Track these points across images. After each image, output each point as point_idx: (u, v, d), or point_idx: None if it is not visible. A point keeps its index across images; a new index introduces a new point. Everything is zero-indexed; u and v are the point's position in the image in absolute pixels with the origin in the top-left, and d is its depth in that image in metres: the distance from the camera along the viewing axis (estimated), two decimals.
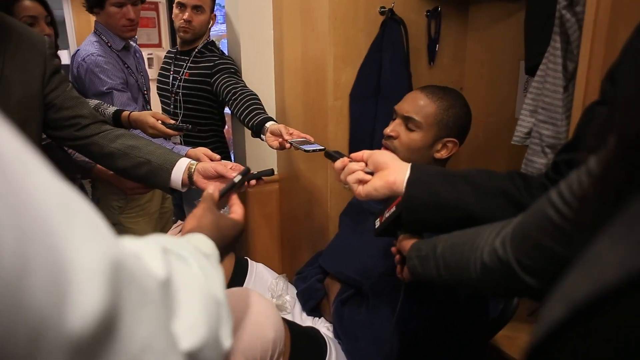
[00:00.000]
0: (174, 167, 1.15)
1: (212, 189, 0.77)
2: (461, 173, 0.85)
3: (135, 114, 1.41)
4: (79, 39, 6.03)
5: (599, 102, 0.71)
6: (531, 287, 0.53)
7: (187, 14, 1.87)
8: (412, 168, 0.86)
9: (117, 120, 1.43)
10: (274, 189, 2.06)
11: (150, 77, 2.04)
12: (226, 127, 2.20)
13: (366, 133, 1.64)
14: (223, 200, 0.79)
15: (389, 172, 0.87)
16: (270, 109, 1.97)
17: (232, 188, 0.83)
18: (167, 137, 1.43)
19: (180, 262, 0.47)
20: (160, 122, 1.38)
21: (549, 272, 0.50)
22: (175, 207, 2.11)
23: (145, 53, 4.24)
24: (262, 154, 2.00)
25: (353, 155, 0.95)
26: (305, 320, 1.28)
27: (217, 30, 3.45)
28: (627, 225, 0.26)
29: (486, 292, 0.64)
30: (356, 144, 1.65)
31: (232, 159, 2.22)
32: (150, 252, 0.41)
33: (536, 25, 1.14)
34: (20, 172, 0.26)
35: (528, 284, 0.53)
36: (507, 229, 0.58)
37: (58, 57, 1.25)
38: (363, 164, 0.92)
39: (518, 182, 0.79)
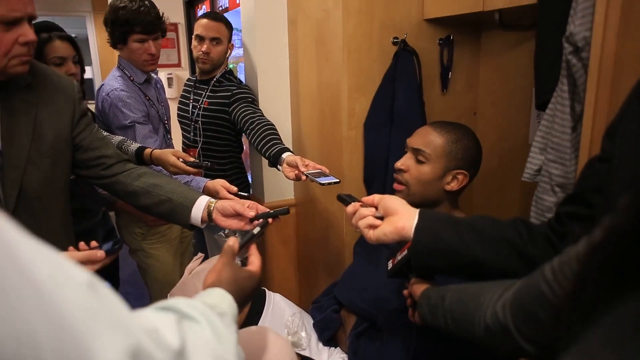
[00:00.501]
0: (193, 205, 1.19)
1: (233, 241, 0.81)
2: (467, 220, 0.88)
3: (157, 152, 1.47)
4: (102, 56, 6.39)
5: (599, 158, 0.74)
6: (530, 352, 0.56)
7: (205, 46, 1.93)
8: (420, 214, 0.89)
9: (139, 157, 1.49)
10: (291, 212, 2.10)
11: (170, 97, 2.10)
12: (244, 148, 2.25)
13: (380, 162, 1.66)
14: (242, 251, 0.83)
15: (398, 217, 0.90)
16: (287, 137, 2.01)
17: (251, 240, 0.87)
18: (187, 174, 1.49)
19: (194, 327, 0.52)
20: (180, 159, 1.43)
21: (544, 341, 0.53)
22: (196, 231, 2.17)
23: (164, 73, 4.36)
24: (278, 179, 2.04)
25: (364, 199, 0.99)
26: (321, 351, 1.31)
27: (235, 54, 3.51)
28: (591, 350, 0.29)
29: (491, 350, 0.67)
30: (370, 172, 1.69)
31: (250, 181, 2.27)
32: (165, 323, 0.47)
33: (545, 64, 1.15)
34: (52, 287, 0.33)
35: (526, 349, 0.56)
36: (508, 292, 0.61)
37: (85, 100, 1.32)
38: (373, 209, 0.96)
39: (522, 231, 0.82)
